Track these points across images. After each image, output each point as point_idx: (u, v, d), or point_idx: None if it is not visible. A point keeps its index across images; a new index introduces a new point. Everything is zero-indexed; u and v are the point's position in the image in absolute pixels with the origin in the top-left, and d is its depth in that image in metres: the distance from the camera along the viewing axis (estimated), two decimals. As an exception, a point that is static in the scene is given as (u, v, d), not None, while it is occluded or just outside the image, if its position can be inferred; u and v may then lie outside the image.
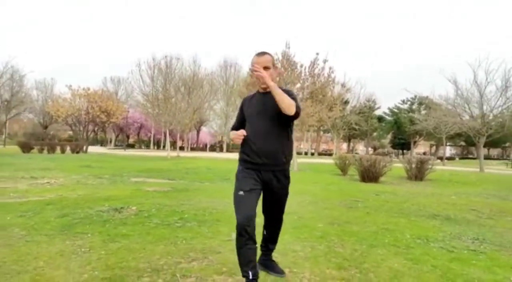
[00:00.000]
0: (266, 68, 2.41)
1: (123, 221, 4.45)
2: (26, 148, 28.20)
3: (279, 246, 3.59)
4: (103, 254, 3.10)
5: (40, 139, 38.35)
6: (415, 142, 53.15)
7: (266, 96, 2.41)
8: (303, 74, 17.72)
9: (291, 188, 2.58)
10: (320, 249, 3.54)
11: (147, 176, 12.14)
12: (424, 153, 54.94)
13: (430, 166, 13.98)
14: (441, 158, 39.27)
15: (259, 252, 2.51)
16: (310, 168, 19.48)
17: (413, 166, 13.94)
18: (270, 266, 2.68)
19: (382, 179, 12.89)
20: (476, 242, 4.36)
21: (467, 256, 3.62)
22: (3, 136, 40.25)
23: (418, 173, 13.74)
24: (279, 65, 17.63)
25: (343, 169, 15.33)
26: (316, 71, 17.66)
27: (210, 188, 8.79)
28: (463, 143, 55.12)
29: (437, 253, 3.68)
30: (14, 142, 36.99)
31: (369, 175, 12.34)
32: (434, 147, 58.64)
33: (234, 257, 3.05)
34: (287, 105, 2.26)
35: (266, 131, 2.38)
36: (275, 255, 3.23)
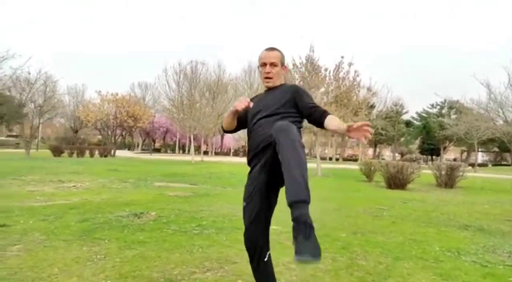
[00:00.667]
0: (273, 64, 2.22)
1: (141, 227, 4.42)
2: (57, 151, 29.22)
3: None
4: (118, 262, 3.06)
5: (71, 143, 39.70)
6: (445, 148, 51.31)
7: (269, 92, 2.28)
8: (327, 78, 17.46)
9: (313, 195, 2.41)
10: (342, 261, 3.37)
11: (170, 181, 12.24)
12: (455, 159, 52.96)
13: (461, 173, 13.38)
14: (472, 164, 37.70)
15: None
16: (334, 174, 19.10)
17: (443, 172, 13.38)
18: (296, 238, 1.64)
19: (409, 186, 12.45)
20: (512, 257, 4.05)
21: (502, 272, 3.34)
22: (37, 140, 41.97)
23: (448, 180, 13.17)
24: (303, 69, 17.47)
25: (368, 175, 14.93)
26: (341, 75, 17.36)
27: (232, 194, 8.71)
28: (496, 149, 52.69)
29: (469, 267, 3.42)
30: (46, 146, 38.49)
31: (396, 181, 11.94)
32: (465, 153, 56.40)
33: (250, 268, 2.94)
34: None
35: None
36: (293, 267, 3.10)
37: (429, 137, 50.03)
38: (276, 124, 1.84)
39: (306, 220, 1.61)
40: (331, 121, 1.99)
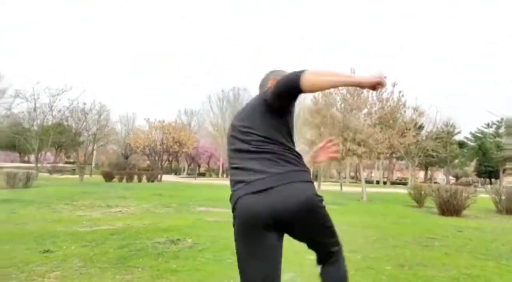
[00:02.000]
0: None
1: (176, 254, 4.38)
2: (108, 177, 30.72)
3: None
4: (148, 292, 3.01)
5: (122, 168, 41.69)
6: (504, 170, 47.43)
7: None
8: (370, 99, 17.00)
9: (355, 220, 2.25)
10: (385, 298, 3.07)
11: (212, 205, 12.29)
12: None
13: (524, 198, 12.18)
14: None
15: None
16: (380, 199, 18.22)
17: (503, 197, 12.25)
18: None
19: (465, 212, 11.50)
20: None
21: None
22: (91, 166, 44.56)
23: (509, 206, 12.01)
24: (344, 91, 17.19)
25: (418, 200, 14.05)
26: (384, 95, 16.84)
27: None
28: None
29: (538, 311, 2.97)
30: (99, 172, 40.72)
31: (449, 207, 11.08)
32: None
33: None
34: None
35: None
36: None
37: (486, 159, 46.71)
38: None
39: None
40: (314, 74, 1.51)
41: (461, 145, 49.87)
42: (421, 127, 41.90)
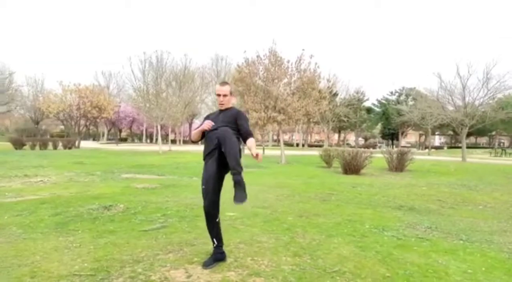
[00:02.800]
0: (224, 95, 3.33)
1: (111, 218, 4.92)
2: (18, 144, 28.34)
3: (246, 236, 4.11)
4: (92, 249, 3.58)
5: (32, 135, 38.42)
6: (403, 132, 54.08)
7: (222, 113, 3.33)
8: (289, 70, 18.16)
9: (271, 182, 3.28)
10: (283, 240, 4.06)
11: (137, 172, 12.58)
12: (411, 145, 55.93)
13: (410, 157, 14.61)
14: (427, 148, 40.13)
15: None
16: (297, 161, 20.04)
17: (394, 157, 14.54)
18: None
19: (364, 171, 13.47)
20: (428, 230, 4.91)
21: (411, 243, 4.16)
22: (-6, 132, 40.26)
23: (398, 164, 14.35)
24: (266, 61, 18.07)
25: (327, 161, 15.91)
26: (303, 66, 18.12)
27: (197, 184, 9.24)
28: (451, 132, 56.11)
29: (387, 241, 4.22)
30: (5, 138, 37.03)
31: (351, 167, 12.92)
32: (423, 137, 59.67)
33: (205, 248, 3.57)
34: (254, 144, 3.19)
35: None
36: (241, 246, 3.76)
37: (389, 123, 52.53)
38: (220, 129, 3.09)
39: (239, 181, 2.90)
40: (248, 143, 3.17)
41: (369, 110, 55.21)
42: (335, 94, 45.32)
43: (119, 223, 4.64)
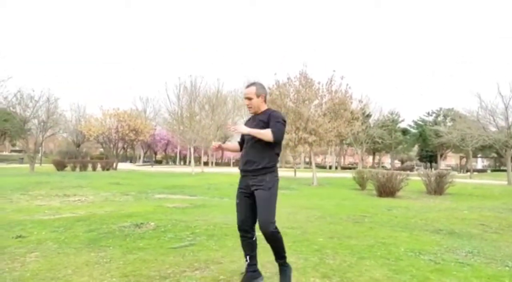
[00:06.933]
0: (249, 98, 3.02)
1: (142, 235, 4.99)
2: (60, 166, 29.85)
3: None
4: (121, 264, 3.63)
5: (73, 157, 40.44)
6: (442, 154, 51.90)
7: (254, 119, 3.09)
8: (320, 91, 18.14)
9: (302, 203, 3.15)
10: (312, 261, 3.92)
11: (170, 193, 12.82)
12: (451, 167, 53.44)
13: (449, 180, 13.92)
14: (468, 171, 38.13)
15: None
16: (330, 183, 19.65)
17: (432, 179, 13.92)
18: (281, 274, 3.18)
19: (399, 193, 12.98)
20: (469, 255, 4.58)
21: (451, 268, 3.88)
22: (40, 155, 42.63)
23: (437, 187, 13.70)
24: (297, 83, 18.17)
25: (361, 183, 15.48)
26: (334, 88, 18.04)
27: (227, 204, 9.27)
28: (495, 155, 53.19)
29: (423, 264, 3.97)
30: (49, 160, 39.13)
31: (386, 190, 12.48)
32: (464, 159, 56.95)
33: (232, 267, 3.52)
34: (265, 137, 2.87)
35: (250, 146, 3.03)
36: (268, 265, 3.67)
37: (426, 145, 50.72)
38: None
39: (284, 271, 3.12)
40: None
41: (404, 132, 53.70)
42: (368, 115, 44.53)
43: (149, 240, 4.69)
